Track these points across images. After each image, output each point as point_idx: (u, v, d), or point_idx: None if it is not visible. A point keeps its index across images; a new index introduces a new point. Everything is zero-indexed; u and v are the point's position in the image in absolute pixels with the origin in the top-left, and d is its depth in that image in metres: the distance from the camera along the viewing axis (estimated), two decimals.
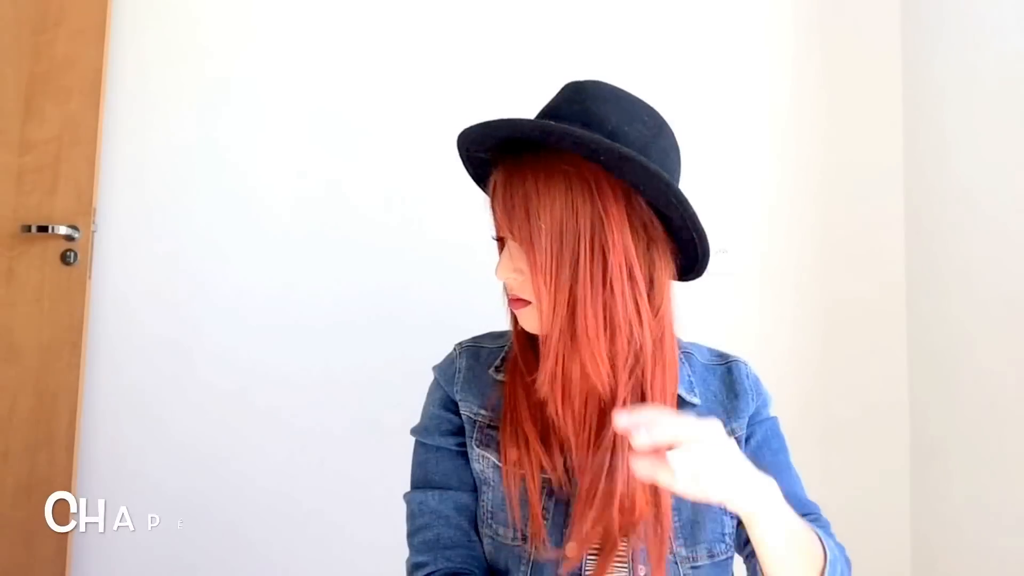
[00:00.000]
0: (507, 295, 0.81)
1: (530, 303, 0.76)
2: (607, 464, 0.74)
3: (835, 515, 1.54)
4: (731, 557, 0.82)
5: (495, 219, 0.77)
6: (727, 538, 0.81)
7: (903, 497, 1.60)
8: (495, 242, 0.82)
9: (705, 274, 0.82)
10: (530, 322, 0.78)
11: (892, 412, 1.61)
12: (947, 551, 1.50)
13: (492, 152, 0.79)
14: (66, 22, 1.55)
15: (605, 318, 0.73)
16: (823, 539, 0.71)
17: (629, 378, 0.75)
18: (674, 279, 0.80)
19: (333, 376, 1.58)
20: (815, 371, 1.63)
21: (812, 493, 0.86)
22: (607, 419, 0.75)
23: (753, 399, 0.84)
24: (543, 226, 0.71)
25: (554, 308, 0.72)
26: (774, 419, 0.87)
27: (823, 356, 1.64)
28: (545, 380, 0.75)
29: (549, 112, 0.78)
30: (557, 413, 0.76)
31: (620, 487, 0.73)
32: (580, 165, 0.71)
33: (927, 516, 1.56)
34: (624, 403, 0.75)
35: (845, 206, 1.66)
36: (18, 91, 1.54)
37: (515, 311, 0.79)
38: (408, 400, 1.04)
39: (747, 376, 0.86)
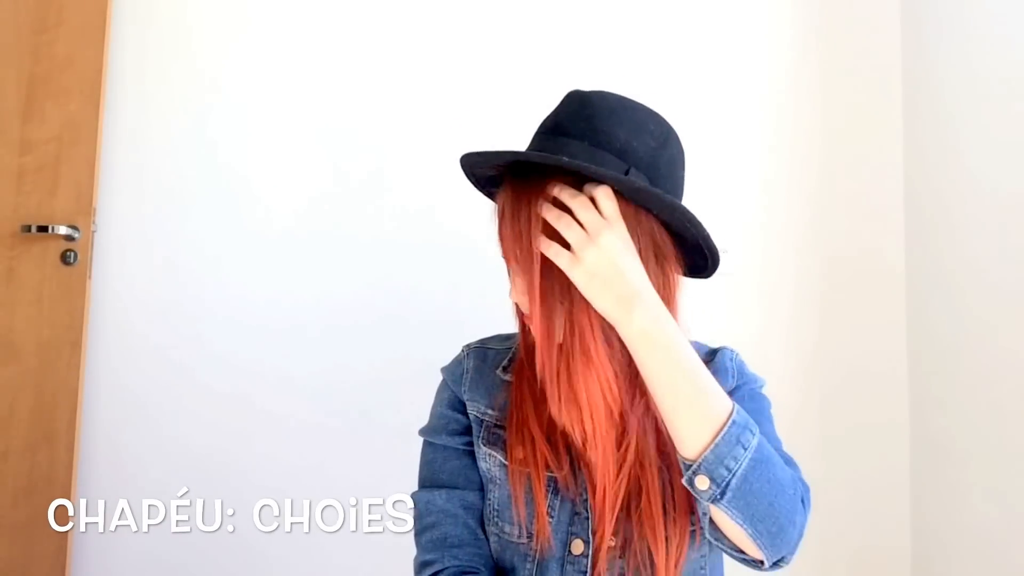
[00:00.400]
0: (518, 311, 0.81)
1: None
2: (627, 483, 0.77)
3: (833, 507, 1.56)
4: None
5: (502, 245, 0.77)
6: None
7: (903, 494, 1.61)
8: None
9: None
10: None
11: (892, 409, 1.63)
12: (947, 547, 1.52)
13: (498, 167, 0.79)
14: (66, 22, 1.55)
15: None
16: (736, 404, 0.71)
17: (643, 396, 0.77)
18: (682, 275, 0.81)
19: (335, 376, 1.59)
20: (814, 366, 1.65)
21: (810, 486, 0.87)
22: (624, 437, 0.77)
23: (733, 378, 0.85)
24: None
25: (549, 334, 0.73)
26: (760, 393, 0.87)
27: (822, 351, 1.65)
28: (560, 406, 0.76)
29: (554, 127, 0.77)
30: (573, 429, 0.77)
31: (651, 504, 0.76)
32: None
33: (927, 511, 1.57)
34: (639, 421, 0.76)
35: (845, 204, 1.67)
36: (18, 91, 1.54)
37: (530, 326, 0.79)
38: (412, 402, 1.05)
39: (731, 359, 0.87)
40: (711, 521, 0.72)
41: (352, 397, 1.59)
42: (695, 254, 0.79)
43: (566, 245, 0.71)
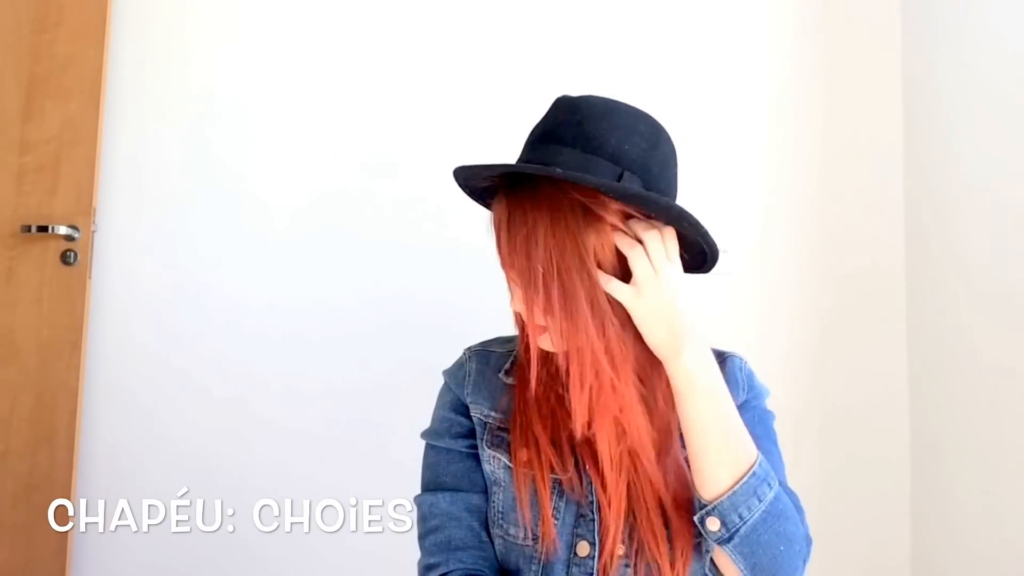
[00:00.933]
0: (519, 318, 0.82)
1: (547, 328, 0.76)
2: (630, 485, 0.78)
3: (834, 512, 1.57)
4: None
5: (500, 256, 0.77)
6: None
7: (903, 494, 1.62)
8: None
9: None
10: (549, 345, 0.78)
11: (892, 409, 1.63)
12: (947, 549, 1.52)
13: (491, 179, 0.79)
14: (66, 22, 1.55)
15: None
16: (760, 454, 0.74)
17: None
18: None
19: (335, 375, 1.59)
20: (814, 369, 1.65)
21: (812, 490, 0.88)
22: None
23: (744, 390, 0.86)
24: (552, 270, 0.72)
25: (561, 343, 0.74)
26: (767, 411, 0.88)
27: (822, 354, 1.65)
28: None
29: (545, 135, 0.77)
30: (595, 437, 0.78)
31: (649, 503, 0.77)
32: (585, 192, 0.72)
33: (927, 513, 1.58)
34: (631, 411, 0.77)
35: (844, 204, 1.68)
36: (18, 91, 1.54)
37: (530, 335, 0.79)
38: (412, 404, 1.06)
39: (740, 369, 0.87)
40: (712, 560, 0.76)
41: (352, 398, 1.59)
42: (693, 251, 0.79)
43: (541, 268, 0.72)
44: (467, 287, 1.55)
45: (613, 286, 0.72)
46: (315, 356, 1.60)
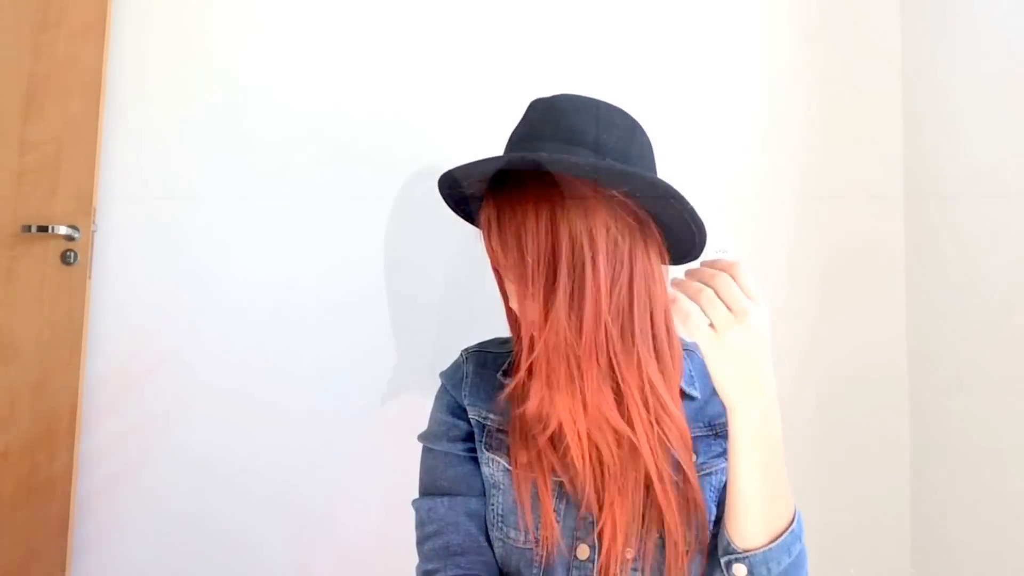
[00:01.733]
0: (513, 318, 0.82)
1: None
2: (643, 498, 0.78)
3: (833, 513, 1.56)
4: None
5: (494, 256, 0.77)
6: (711, 526, 0.82)
7: (903, 493, 1.62)
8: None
9: None
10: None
11: (891, 409, 1.63)
12: (948, 546, 1.52)
13: (476, 183, 0.79)
14: (66, 22, 1.55)
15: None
16: (797, 510, 0.74)
17: (649, 412, 0.77)
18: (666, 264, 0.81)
19: (336, 376, 1.59)
20: (813, 369, 1.65)
21: (811, 489, 0.87)
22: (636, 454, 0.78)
23: None
24: (538, 261, 0.72)
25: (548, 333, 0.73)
26: None
27: (821, 354, 1.65)
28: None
29: (527, 134, 0.77)
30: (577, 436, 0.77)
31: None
32: (569, 182, 0.72)
33: (927, 512, 1.57)
34: (647, 436, 0.77)
35: (844, 203, 1.67)
36: (18, 91, 1.53)
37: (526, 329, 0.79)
38: (414, 404, 1.06)
39: None
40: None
41: (354, 398, 1.59)
42: (682, 235, 0.79)
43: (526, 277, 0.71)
44: (471, 288, 1.55)
45: (692, 324, 0.66)
46: (318, 356, 1.60)
